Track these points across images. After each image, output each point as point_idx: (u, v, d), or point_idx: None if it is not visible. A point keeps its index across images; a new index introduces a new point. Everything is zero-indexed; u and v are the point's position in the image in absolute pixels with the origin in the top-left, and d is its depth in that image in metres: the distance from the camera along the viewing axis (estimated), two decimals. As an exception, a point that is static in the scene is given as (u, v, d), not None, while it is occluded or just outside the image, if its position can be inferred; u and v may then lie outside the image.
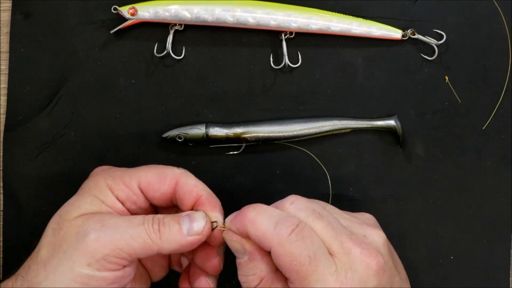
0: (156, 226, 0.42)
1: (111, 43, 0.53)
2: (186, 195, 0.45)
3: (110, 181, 0.44)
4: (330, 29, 0.53)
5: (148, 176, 0.45)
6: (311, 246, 0.40)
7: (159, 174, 0.45)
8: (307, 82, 0.54)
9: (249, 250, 0.42)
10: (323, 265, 0.40)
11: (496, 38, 0.54)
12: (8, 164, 0.53)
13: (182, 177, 0.45)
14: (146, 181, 0.45)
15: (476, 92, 0.54)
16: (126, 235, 0.41)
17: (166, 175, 0.45)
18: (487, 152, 0.55)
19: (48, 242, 0.42)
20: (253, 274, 0.42)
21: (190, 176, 0.46)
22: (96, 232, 0.40)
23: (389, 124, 0.53)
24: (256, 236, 0.41)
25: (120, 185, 0.44)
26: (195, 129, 0.53)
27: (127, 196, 0.44)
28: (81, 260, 0.40)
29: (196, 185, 0.45)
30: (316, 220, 0.42)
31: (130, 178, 0.45)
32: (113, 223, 0.41)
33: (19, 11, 0.53)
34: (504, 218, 0.55)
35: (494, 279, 0.55)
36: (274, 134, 0.53)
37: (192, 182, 0.45)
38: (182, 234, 0.42)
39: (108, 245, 0.40)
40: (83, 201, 0.43)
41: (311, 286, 0.40)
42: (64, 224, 0.41)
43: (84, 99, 0.54)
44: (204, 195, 0.45)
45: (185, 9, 0.52)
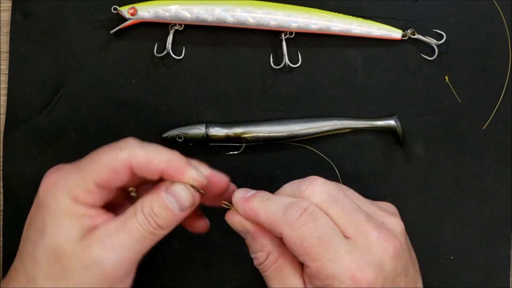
0: (153, 222, 0.41)
1: (111, 43, 0.53)
2: (147, 174, 0.42)
3: (72, 194, 0.41)
4: (330, 29, 0.53)
5: (100, 174, 0.42)
6: (320, 227, 0.40)
7: (110, 171, 0.42)
8: (307, 82, 0.54)
9: (250, 230, 0.43)
10: (337, 245, 0.40)
11: (496, 38, 0.54)
12: (8, 164, 0.54)
13: (132, 159, 0.42)
14: (101, 179, 0.42)
15: (476, 92, 0.54)
16: (135, 247, 0.41)
17: (118, 168, 0.42)
18: (487, 152, 0.55)
19: (45, 274, 0.41)
20: (260, 250, 0.43)
21: (138, 154, 0.42)
22: (109, 261, 0.40)
23: (389, 124, 0.53)
24: (267, 223, 0.42)
25: (82, 193, 0.41)
26: (195, 129, 0.53)
27: (94, 198, 0.42)
28: (103, 285, 0.40)
29: (149, 160, 0.42)
30: (330, 204, 0.42)
31: (86, 183, 0.41)
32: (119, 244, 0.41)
33: (19, 11, 0.53)
34: (504, 218, 0.55)
35: (494, 279, 0.55)
36: (274, 134, 0.53)
37: (143, 159, 0.42)
38: (176, 213, 0.42)
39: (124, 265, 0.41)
40: (63, 228, 0.41)
41: (325, 266, 0.40)
42: (62, 256, 0.40)
43: (84, 99, 0.54)
44: (165, 166, 0.42)
45: (185, 9, 0.52)
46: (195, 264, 0.54)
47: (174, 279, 0.54)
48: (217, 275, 0.54)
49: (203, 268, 0.54)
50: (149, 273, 0.54)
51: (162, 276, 0.54)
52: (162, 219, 0.42)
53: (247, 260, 0.54)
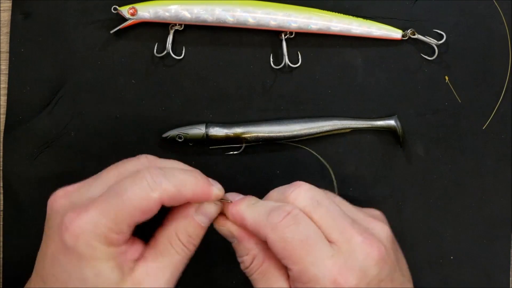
0: (191, 246, 0.43)
1: (111, 43, 0.53)
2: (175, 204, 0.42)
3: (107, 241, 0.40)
4: (330, 29, 0.53)
5: (133, 218, 0.40)
6: (303, 230, 0.41)
7: (143, 212, 0.40)
8: (307, 82, 0.54)
9: (236, 234, 0.44)
10: (319, 249, 0.40)
11: (496, 38, 0.54)
12: (8, 164, 0.54)
13: (164, 197, 0.40)
14: (134, 221, 0.40)
15: (476, 92, 0.54)
16: (177, 275, 0.43)
17: (151, 208, 0.40)
18: (487, 152, 0.55)
19: None
20: (246, 254, 0.44)
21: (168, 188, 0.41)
22: None
23: (389, 124, 0.53)
24: (252, 226, 0.43)
25: (115, 237, 0.40)
26: (195, 129, 0.53)
27: (125, 238, 0.41)
28: None
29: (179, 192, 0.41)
30: (314, 208, 0.42)
31: (118, 226, 0.40)
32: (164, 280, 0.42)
33: (19, 11, 0.53)
34: (504, 218, 0.55)
35: (494, 279, 0.55)
36: (274, 134, 0.53)
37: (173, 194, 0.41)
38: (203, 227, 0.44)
39: None
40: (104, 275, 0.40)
41: (307, 269, 0.40)
42: None
43: (84, 99, 0.54)
44: (192, 195, 0.42)
45: (185, 9, 0.52)
46: (195, 264, 0.54)
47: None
48: (217, 275, 0.54)
49: (203, 268, 0.54)
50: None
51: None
52: (196, 238, 0.43)
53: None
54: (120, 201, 0.40)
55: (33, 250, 0.43)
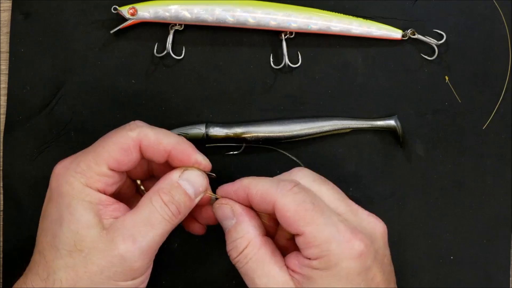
0: (175, 210, 0.42)
1: (111, 43, 0.53)
2: (155, 155, 0.44)
3: (84, 179, 0.42)
4: (330, 29, 0.53)
5: (112, 154, 0.43)
6: (313, 196, 0.42)
7: (122, 150, 0.43)
8: (307, 82, 0.54)
9: (238, 211, 0.43)
10: (330, 212, 0.41)
11: (496, 38, 0.54)
12: (8, 164, 0.54)
13: (142, 139, 0.43)
14: (114, 160, 0.43)
15: (476, 92, 0.54)
16: (157, 238, 0.42)
17: (129, 147, 0.43)
18: (487, 152, 0.55)
19: (66, 264, 0.40)
20: (241, 236, 0.43)
21: (148, 134, 0.43)
22: (132, 253, 0.41)
23: (389, 124, 0.53)
24: (258, 194, 0.42)
25: (94, 176, 0.42)
26: (195, 129, 0.53)
27: (105, 183, 0.43)
28: (125, 277, 0.41)
29: (158, 141, 0.43)
30: (321, 184, 0.44)
31: (98, 165, 0.42)
32: (140, 236, 0.41)
33: (19, 11, 0.53)
34: (504, 218, 0.55)
35: (494, 279, 0.55)
36: (274, 134, 0.53)
37: (153, 139, 0.43)
38: (192, 199, 0.44)
39: (147, 257, 0.41)
40: (77, 213, 0.41)
41: (321, 230, 0.40)
42: (83, 247, 0.40)
43: (84, 99, 0.54)
44: (173, 148, 0.44)
45: (185, 9, 0.52)
46: (195, 264, 0.54)
47: (174, 279, 0.54)
48: (217, 275, 0.54)
49: (203, 268, 0.54)
50: (149, 273, 0.54)
51: (162, 276, 0.54)
52: (182, 204, 0.43)
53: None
54: (101, 143, 0.43)
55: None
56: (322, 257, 0.40)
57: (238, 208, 0.44)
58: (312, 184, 0.44)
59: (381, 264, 0.42)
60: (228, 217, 0.44)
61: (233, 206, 0.44)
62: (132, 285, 0.41)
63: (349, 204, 0.44)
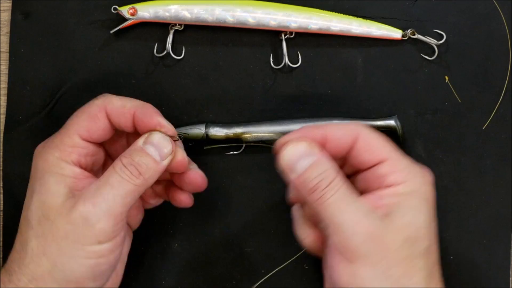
0: (135, 171, 0.42)
1: (111, 43, 0.53)
2: (121, 120, 0.45)
3: (58, 153, 0.43)
4: (330, 29, 0.53)
5: (81, 123, 0.44)
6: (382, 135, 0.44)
7: (90, 117, 0.44)
8: (307, 82, 0.54)
9: (316, 148, 0.42)
10: (401, 153, 0.44)
11: (496, 38, 0.54)
12: (8, 164, 0.54)
13: (107, 104, 0.45)
14: (84, 129, 0.44)
15: (476, 92, 0.54)
16: (117, 198, 0.42)
17: (95, 113, 0.45)
18: (487, 152, 0.54)
19: (37, 234, 0.42)
20: (329, 167, 0.41)
21: (113, 100, 0.45)
22: (93, 214, 0.41)
23: (389, 124, 0.53)
24: (340, 127, 0.43)
25: (66, 150, 0.44)
26: (195, 129, 0.53)
27: (79, 155, 0.44)
28: (90, 241, 0.41)
29: (123, 105, 0.45)
30: None
31: (70, 137, 0.44)
32: (100, 197, 0.41)
33: (19, 11, 0.53)
34: (504, 218, 0.55)
35: (494, 279, 0.55)
36: (274, 134, 0.53)
37: (118, 103, 0.45)
38: (157, 162, 0.43)
39: (110, 218, 0.41)
40: (48, 184, 0.43)
41: (402, 157, 0.43)
42: (49, 215, 0.42)
43: (84, 99, 0.53)
44: (137, 110, 0.44)
45: (185, 9, 0.52)
46: (195, 264, 0.54)
47: (174, 279, 0.54)
48: (217, 275, 0.54)
49: (203, 268, 0.54)
50: (150, 273, 0.54)
51: (162, 276, 0.54)
52: (142, 166, 0.43)
53: (247, 260, 0.54)
54: (71, 117, 0.45)
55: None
56: (408, 180, 0.42)
57: (315, 145, 0.42)
58: None
59: None
60: (305, 154, 0.42)
61: (309, 143, 0.42)
62: (100, 251, 0.41)
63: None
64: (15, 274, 0.41)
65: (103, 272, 0.43)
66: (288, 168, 0.42)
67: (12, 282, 0.41)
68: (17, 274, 0.41)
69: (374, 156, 0.43)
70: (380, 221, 0.40)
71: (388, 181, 0.42)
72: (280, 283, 0.53)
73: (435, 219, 0.43)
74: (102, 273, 0.42)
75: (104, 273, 0.43)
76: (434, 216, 0.42)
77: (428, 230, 0.41)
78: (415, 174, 0.42)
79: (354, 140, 0.43)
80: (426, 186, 0.42)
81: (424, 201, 0.42)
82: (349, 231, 0.40)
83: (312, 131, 0.43)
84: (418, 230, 0.41)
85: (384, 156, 0.42)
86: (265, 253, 0.54)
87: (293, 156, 0.42)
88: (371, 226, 0.40)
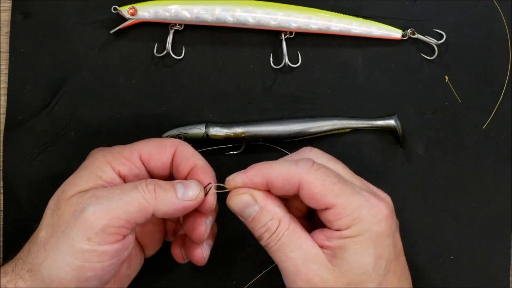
0: (151, 186, 0.42)
1: (111, 43, 0.53)
2: (183, 163, 0.45)
3: (110, 157, 0.44)
4: (330, 29, 0.53)
5: (148, 147, 0.46)
6: (335, 170, 0.43)
7: (159, 144, 0.46)
8: (307, 82, 0.54)
9: (260, 197, 0.43)
10: (351, 182, 0.43)
11: (496, 38, 0.54)
12: (8, 164, 0.54)
13: (180, 145, 0.46)
14: (147, 152, 0.45)
15: (476, 92, 0.54)
16: (120, 202, 0.41)
17: (166, 145, 0.46)
18: (487, 152, 0.54)
19: (47, 223, 0.42)
20: (271, 218, 0.43)
21: (187, 145, 0.47)
22: (91, 206, 0.40)
23: (389, 124, 0.53)
24: (280, 177, 0.42)
25: (121, 159, 0.44)
26: (195, 129, 0.53)
27: (129, 170, 0.45)
28: (80, 235, 0.40)
29: (192, 154, 0.46)
30: (335, 163, 0.45)
31: (130, 151, 0.45)
32: (107, 194, 0.41)
33: (19, 11, 0.53)
34: (504, 218, 0.55)
35: (494, 279, 0.55)
36: (274, 134, 0.53)
37: (190, 151, 0.46)
38: (177, 197, 0.43)
39: (105, 216, 0.40)
40: (79, 178, 0.43)
41: (350, 199, 0.41)
42: (61, 204, 0.42)
43: (84, 99, 0.54)
44: (200, 164, 0.46)
45: (185, 9, 0.52)
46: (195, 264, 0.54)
47: (175, 279, 0.54)
48: (217, 275, 0.54)
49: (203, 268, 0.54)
50: (150, 273, 0.54)
51: (162, 276, 0.54)
52: (161, 188, 0.42)
53: (247, 260, 0.54)
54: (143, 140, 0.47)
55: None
56: (354, 224, 0.41)
57: (258, 193, 0.43)
58: (327, 163, 0.44)
59: (399, 231, 0.44)
60: (249, 204, 0.43)
61: (252, 193, 0.43)
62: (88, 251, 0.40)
63: (361, 179, 0.45)
64: (21, 261, 0.42)
65: (87, 279, 0.41)
66: (238, 215, 0.44)
67: (15, 271, 0.42)
68: (22, 261, 0.42)
69: (319, 204, 0.42)
70: (323, 265, 0.41)
71: (335, 226, 0.41)
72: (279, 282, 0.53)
73: (394, 253, 0.42)
74: (86, 280, 0.41)
75: (88, 281, 0.41)
76: (389, 253, 0.42)
77: (375, 271, 0.41)
78: (363, 218, 0.41)
79: (297, 189, 0.42)
80: (378, 225, 0.41)
81: (371, 242, 0.41)
82: (291, 278, 0.42)
83: (255, 179, 0.43)
84: (362, 274, 0.41)
85: (329, 204, 0.41)
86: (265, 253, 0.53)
87: (239, 205, 0.43)
88: (311, 273, 0.41)
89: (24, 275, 0.41)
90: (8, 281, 0.41)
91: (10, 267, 0.42)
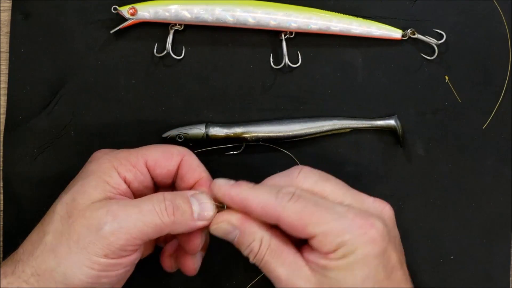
0: (170, 209, 0.42)
1: (111, 43, 0.53)
2: (188, 174, 0.46)
3: (116, 163, 0.44)
4: (330, 29, 0.53)
5: (154, 154, 0.46)
6: (313, 199, 0.42)
7: (166, 152, 0.46)
8: (307, 82, 0.54)
9: (238, 222, 0.43)
10: (334, 208, 0.42)
11: (496, 38, 0.54)
12: (8, 164, 0.54)
13: (186, 154, 0.46)
14: (153, 159, 0.45)
15: (476, 92, 0.54)
16: (139, 223, 0.41)
17: (172, 152, 0.46)
18: (487, 152, 0.55)
19: (55, 229, 0.42)
20: (253, 239, 0.43)
21: (193, 155, 0.47)
22: (110, 225, 0.40)
23: (389, 124, 0.53)
24: (259, 208, 0.42)
25: (127, 165, 0.44)
26: (195, 129, 0.53)
27: (134, 176, 0.45)
28: (97, 251, 0.40)
29: (198, 165, 0.46)
30: (325, 182, 0.44)
31: (137, 157, 0.45)
32: (124, 214, 0.41)
33: (19, 11, 0.53)
34: (504, 218, 0.55)
35: (494, 279, 0.55)
36: (274, 134, 0.53)
37: (196, 162, 0.46)
38: (194, 218, 0.43)
39: (123, 237, 0.41)
40: (87, 185, 0.43)
41: (333, 226, 0.40)
42: (73, 213, 0.41)
43: (84, 99, 0.54)
44: (205, 177, 0.46)
45: (185, 9, 0.52)
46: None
47: (175, 279, 0.54)
48: (217, 275, 0.54)
49: (203, 268, 0.54)
50: (150, 273, 0.54)
51: (162, 276, 0.54)
52: (179, 210, 0.43)
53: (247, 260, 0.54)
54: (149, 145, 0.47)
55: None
56: (340, 248, 0.40)
57: (235, 220, 0.43)
58: (314, 185, 0.44)
59: (394, 244, 0.43)
60: (229, 231, 0.44)
61: (229, 220, 0.43)
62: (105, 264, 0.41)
63: (354, 194, 0.44)
64: (21, 263, 0.41)
65: (101, 285, 0.42)
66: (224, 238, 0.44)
67: (16, 273, 0.41)
68: (23, 264, 0.41)
69: (301, 234, 0.41)
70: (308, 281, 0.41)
71: (321, 251, 0.41)
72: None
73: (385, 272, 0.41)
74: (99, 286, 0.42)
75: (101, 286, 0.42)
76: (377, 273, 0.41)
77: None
78: (346, 242, 0.40)
79: (276, 221, 0.42)
80: (364, 247, 0.40)
81: (357, 264, 0.40)
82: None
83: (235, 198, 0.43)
84: None
85: (310, 234, 0.41)
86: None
87: (220, 233, 0.44)
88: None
89: (29, 279, 0.41)
90: (9, 283, 0.41)
91: (9, 269, 0.42)
